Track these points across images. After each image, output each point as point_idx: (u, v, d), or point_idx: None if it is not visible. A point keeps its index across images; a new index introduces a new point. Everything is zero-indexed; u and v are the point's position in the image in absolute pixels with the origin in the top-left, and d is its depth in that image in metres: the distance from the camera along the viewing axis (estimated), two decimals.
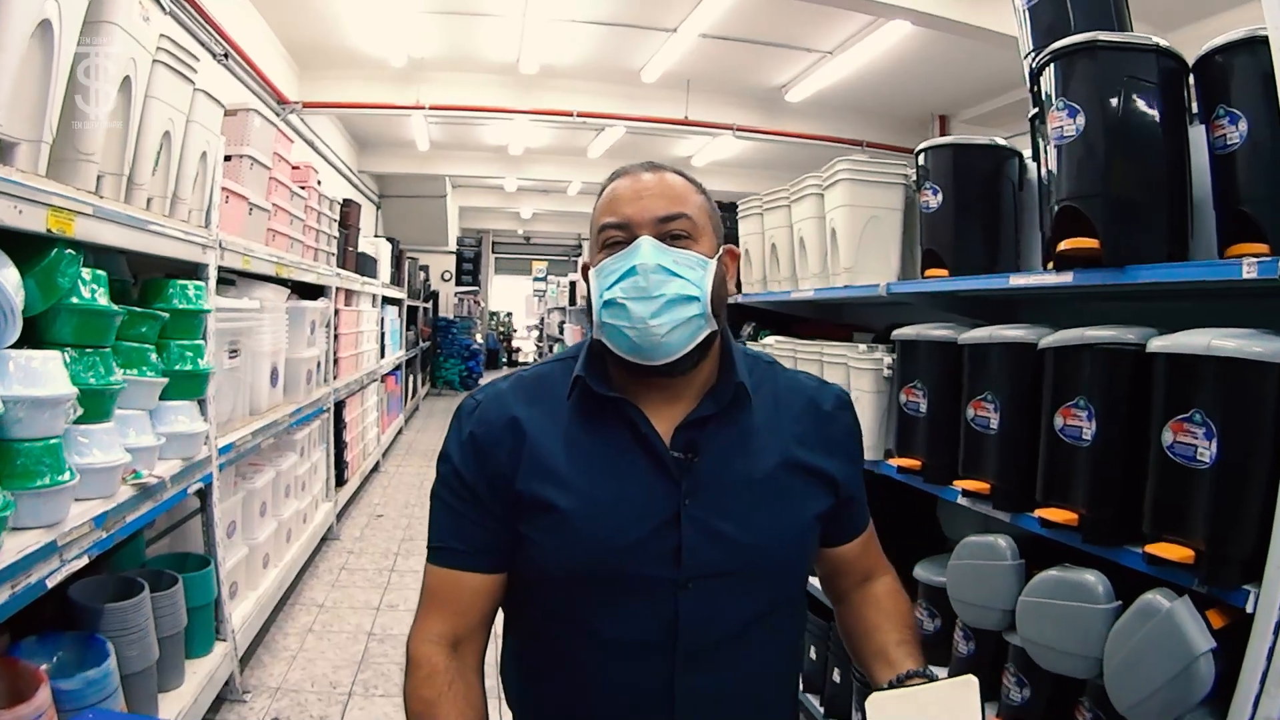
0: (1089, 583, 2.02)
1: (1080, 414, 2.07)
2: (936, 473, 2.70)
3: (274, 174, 4.38)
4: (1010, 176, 2.87)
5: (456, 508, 1.38)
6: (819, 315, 4.46)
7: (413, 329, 13.34)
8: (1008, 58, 8.30)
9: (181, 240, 3.14)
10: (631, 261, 1.31)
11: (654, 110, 10.60)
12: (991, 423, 2.40)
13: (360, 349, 7.55)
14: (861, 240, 3.24)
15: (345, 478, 6.91)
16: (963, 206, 2.84)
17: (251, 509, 4.23)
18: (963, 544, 2.50)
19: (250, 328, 4.02)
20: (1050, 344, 2.19)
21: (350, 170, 13.37)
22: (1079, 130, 2.09)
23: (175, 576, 3.15)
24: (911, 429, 2.79)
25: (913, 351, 2.80)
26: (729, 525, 1.33)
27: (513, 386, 1.46)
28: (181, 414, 3.16)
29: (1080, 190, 2.12)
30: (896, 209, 3.29)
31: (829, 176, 3.35)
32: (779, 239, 3.94)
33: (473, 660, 1.37)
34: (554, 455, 1.36)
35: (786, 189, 3.77)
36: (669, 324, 1.29)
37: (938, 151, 2.93)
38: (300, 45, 9.29)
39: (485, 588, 1.38)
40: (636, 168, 1.41)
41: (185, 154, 3.20)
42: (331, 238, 5.94)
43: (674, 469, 1.34)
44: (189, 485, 3.25)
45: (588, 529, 1.32)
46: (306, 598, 5.13)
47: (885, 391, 3.01)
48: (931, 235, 2.94)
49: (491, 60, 9.92)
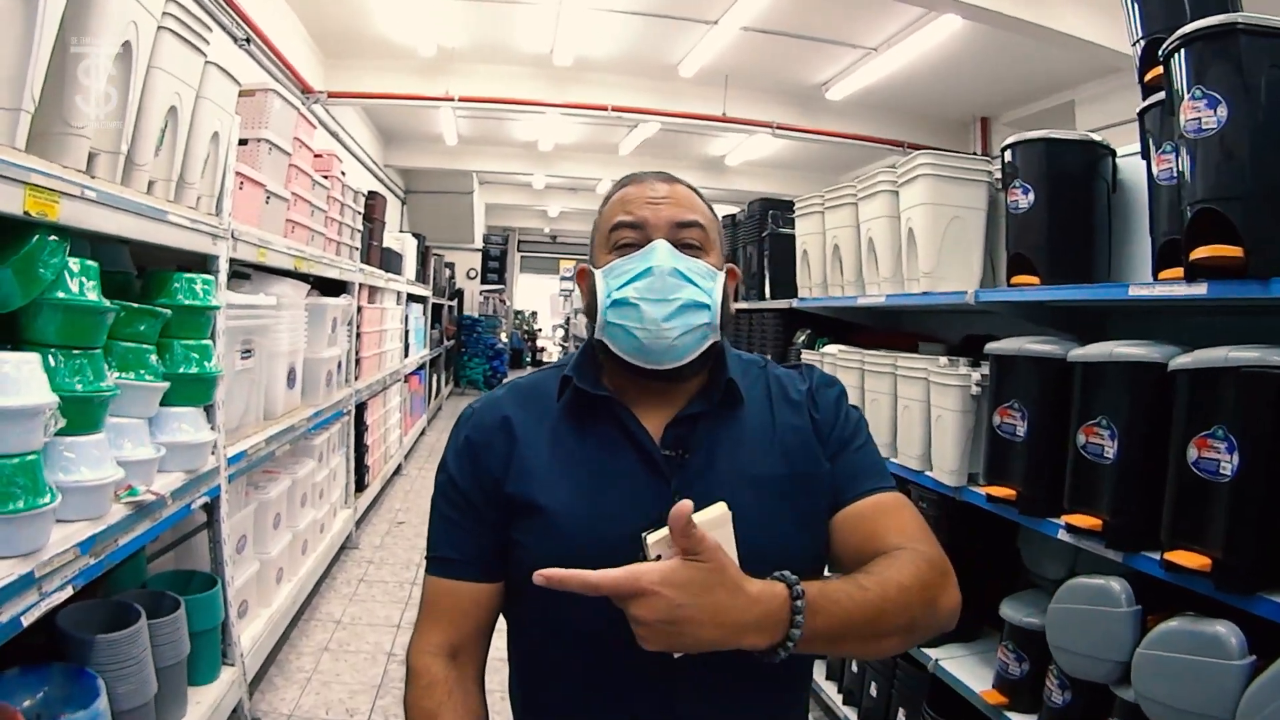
0: (1220, 636, 1.81)
1: (1218, 445, 1.84)
2: (1035, 504, 2.44)
3: (294, 160, 4.08)
4: (1105, 176, 2.66)
5: (452, 517, 1.39)
6: (879, 323, 4.15)
7: (437, 327, 13.08)
8: (1054, 58, 8.42)
9: (187, 229, 2.83)
10: (648, 263, 1.31)
11: (690, 106, 10.30)
12: (1106, 451, 2.16)
13: (383, 348, 7.28)
14: (943, 242, 2.95)
15: (366, 483, 6.61)
16: (1057, 208, 2.61)
17: (264, 521, 3.93)
18: (1070, 586, 2.27)
19: (266, 326, 3.72)
20: (1184, 365, 1.95)
21: (376, 164, 13.16)
22: (1220, 123, 1.84)
23: (177, 600, 2.85)
24: (1006, 454, 2.53)
25: (1011, 368, 2.53)
26: None
27: (508, 393, 1.48)
28: (185, 421, 2.87)
29: (1221, 191, 1.86)
30: (980, 209, 3.01)
31: (906, 172, 3.05)
32: (843, 239, 3.63)
33: (472, 670, 1.38)
34: (542, 456, 1.37)
35: (853, 185, 3.47)
36: (680, 329, 1.30)
37: (1029, 147, 2.68)
38: (326, 33, 9.08)
39: (482, 597, 1.38)
40: (649, 176, 1.42)
41: (194, 133, 2.90)
42: (355, 231, 5.63)
43: (664, 467, 1.33)
44: (193, 500, 2.96)
45: (574, 529, 1.30)
46: (323, 613, 4.83)
47: (972, 411, 2.74)
48: (1021, 238, 2.69)
49: (524, 51, 9.66)
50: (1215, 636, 1.81)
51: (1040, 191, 2.61)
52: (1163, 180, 2.20)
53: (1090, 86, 8.82)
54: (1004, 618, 2.63)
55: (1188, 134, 1.90)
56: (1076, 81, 8.99)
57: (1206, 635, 1.83)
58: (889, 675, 3.20)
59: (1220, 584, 1.81)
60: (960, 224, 2.97)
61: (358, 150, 11.60)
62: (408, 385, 9.29)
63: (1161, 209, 2.23)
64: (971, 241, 2.98)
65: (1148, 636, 1.97)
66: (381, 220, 6.99)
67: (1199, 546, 1.87)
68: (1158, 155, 2.21)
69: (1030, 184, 2.63)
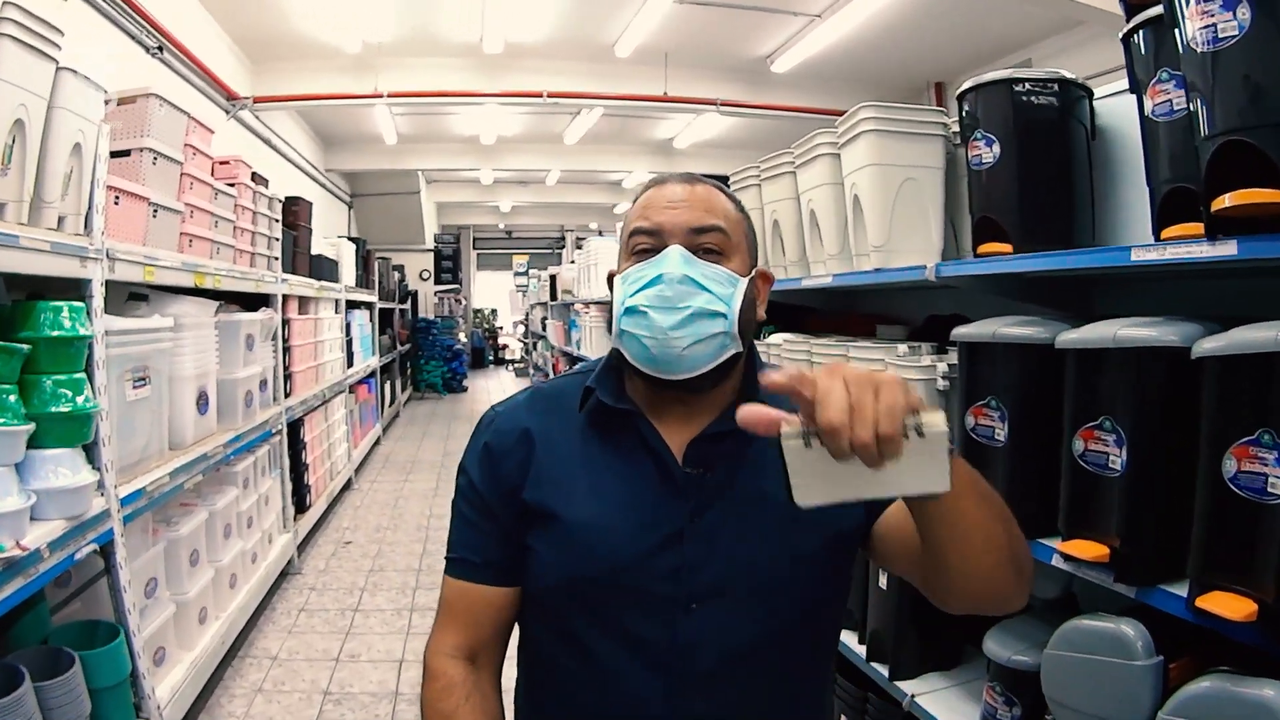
0: (1271, 701, 1.42)
1: (1266, 455, 1.45)
2: (1021, 524, 2.09)
3: (188, 169, 3.75)
4: (1082, 121, 2.28)
5: (472, 519, 1.39)
6: (831, 306, 3.88)
7: (388, 332, 12.75)
8: (1010, 13, 8.12)
9: (47, 253, 2.54)
10: (658, 270, 1.27)
11: (630, 88, 9.98)
12: (1113, 460, 1.78)
13: (321, 360, 6.94)
14: (894, 210, 2.63)
15: (308, 503, 6.27)
16: (1028, 161, 2.24)
17: (178, 560, 3.61)
18: (1070, 630, 1.84)
19: (162, 350, 3.39)
20: (1214, 352, 1.55)
21: (317, 170, 12.83)
22: (1243, 27, 1.46)
23: (73, 656, 2.57)
24: (983, 463, 2.07)
25: (984, 358, 2.15)
26: (737, 546, 1.28)
27: (530, 399, 1.46)
28: (61, 465, 2.59)
29: (1250, 117, 1.47)
30: (937, 168, 2.67)
31: (847, 130, 2.72)
32: (783, 214, 3.31)
33: (489, 673, 1.39)
34: (561, 466, 1.35)
35: (791, 150, 3.16)
36: (690, 338, 1.25)
37: (990, 91, 2.31)
38: (249, 37, 8.72)
39: (500, 600, 1.38)
40: (674, 177, 1.38)
41: (49, 148, 2.60)
42: (274, 240, 5.29)
43: (683, 484, 1.30)
44: (78, 549, 2.67)
45: (589, 540, 1.29)
46: (259, 648, 4.51)
47: (940, 408, 2.40)
48: (987, 199, 2.34)
49: (453, 41, 9.29)
50: (1264, 703, 1.43)
51: (1007, 143, 2.25)
52: (1160, 116, 1.80)
53: (1049, 43, 8.55)
54: (989, 655, 2.24)
55: (1199, 47, 1.53)
56: (1033, 39, 8.73)
57: (1251, 701, 1.44)
58: (859, 710, 2.85)
59: (1269, 630, 1.44)
60: (914, 187, 2.63)
61: (296, 157, 11.27)
62: (355, 396, 8.97)
63: (1160, 152, 1.83)
64: (928, 207, 2.65)
65: (1174, 700, 1.57)
66: (307, 226, 6.63)
67: (1243, 585, 1.48)
68: (1152, 87, 1.82)
69: (994, 134, 2.27)
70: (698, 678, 1.27)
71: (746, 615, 1.29)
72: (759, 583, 1.29)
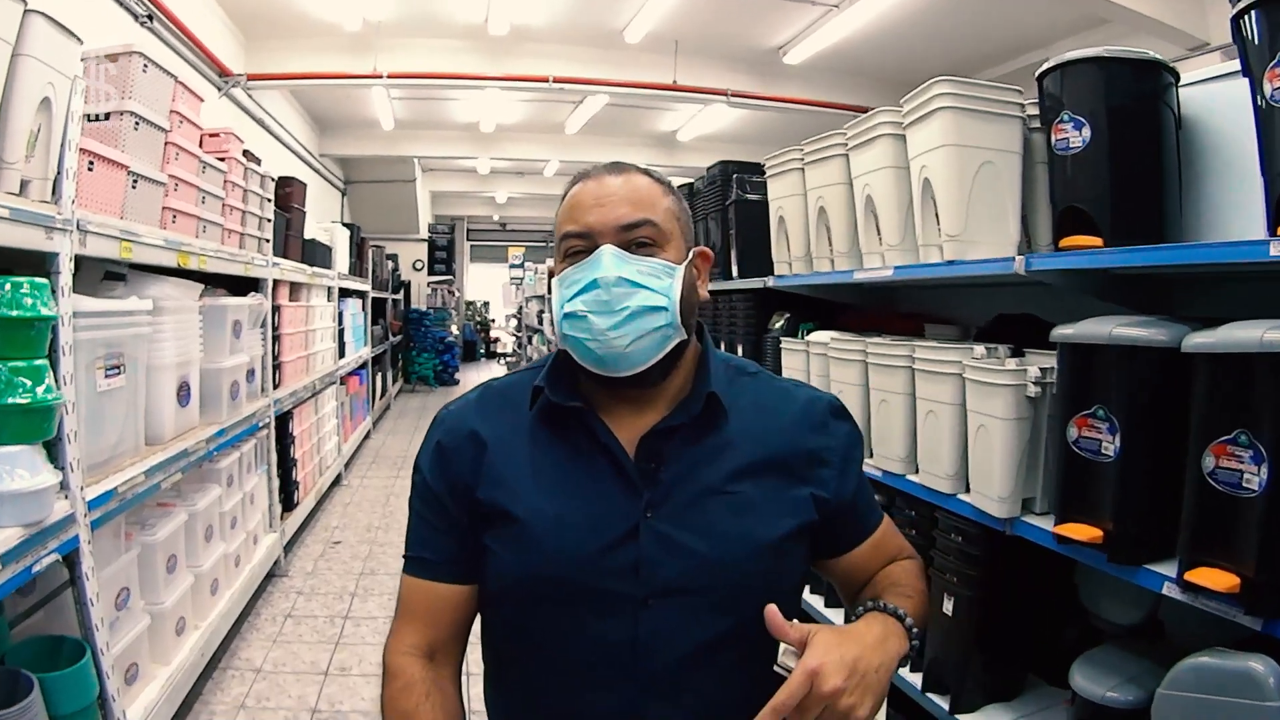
0: None
1: None
2: (1132, 548, 1.85)
3: (173, 138, 3.42)
4: (1173, 107, 2.08)
5: (428, 517, 1.38)
6: (865, 302, 3.57)
7: (380, 323, 12.44)
8: (1032, 10, 7.86)
9: (3, 220, 2.20)
10: (593, 274, 1.27)
11: (638, 75, 9.65)
12: (1248, 479, 1.56)
13: (312, 349, 6.61)
14: (971, 196, 2.35)
15: (295, 501, 5.94)
16: (1122, 147, 2.03)
17: (153, 567, 3.28)
18: (1187, 668, 1.64)
19: (139, 335, 3.06)
20: None
21: (311, 154, 12.49)
22: None
23: (31, 680, 2.27)
24: (1087, 479, 1.92)
25: (1094, 363, 1.91)
26: (693, 540, 1.28)
27: (480, 397, 1.46)
28: (17, 464, 2.26)
29: None
30: (1016, 152, 2.41)
31: (917, 106, 2.45)
32: (832, 201, 3.02)
33: (449, 670, 1.38)
34: (514, 465, 1.35)
35: (843, 132, 2.86)
36: (632, 335, 1.26)
37: (1080, 70, 2.10)
38: (244, 11, 8.38)
39: (458, 598, 1.37)
40: (600, 170, 1.37)
41: (11, 98, 2.27)
42: (265, 221, 4.95)
43: (637, 480, 1.30)
44: (38, 560, 2.34)
45: (545, 539, 1.29)
46: (241, 658, 4.19)
47: (1028, 419, 2.14)
48: (1073, 188, 2.12)
49: (456, 22, 8.93)
50: None
51: (1098, 126, 2.05)
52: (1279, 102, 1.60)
53: (1067, 43, 8.30)
54: (1079, 692, 2.03)
55: None
56: (1052, 38, 8.51)
57: None
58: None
59: None
60: (992, 172, 2.37)
61: (288, 139, 10.92)
62: (345, 387, 8.65)
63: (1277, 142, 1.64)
64: (1005, 195, 2.39)
65: None
66: (301, 209, 6.28)
67: None
68: (1270, 70, 1.61)
69: (1083, 116, 2.06)
70: (658, 675, 1.27)
71: (707, 613, 1.28)
72: (718, 578, 1.28)
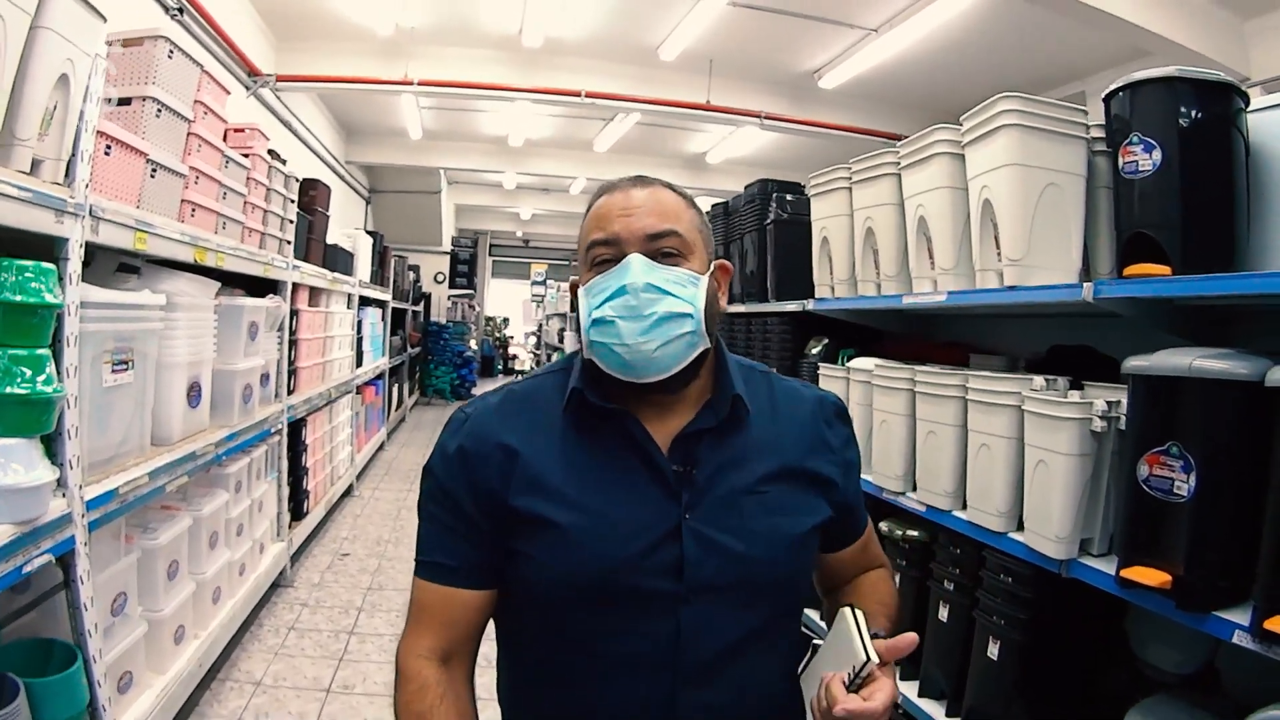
0: None
1: None
2: (1205, 594, 1.70)
3: (196, 129, 3.31)
4: (1244, 132, 1.97)
5: (445, 522, 1.37)
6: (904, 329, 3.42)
7: (399, 334, 12.32)
8: (1070, 41, 7.72)
9: (10, 199, 2.08)
10: (621, 280, 1.30)
11: (671, 94, 9.52)
12: None
13: (329, 356, 6.50)
14: (1035, 219, 2.22)
15: (305, 510, 5.82)
16: (1195, 172, 1.92)
17: (153, 573, 3.15)
18: None
19: (150, 331, 2.94)
20: None
21: (336, 160, 12.40)
22: None
23: (17, 685, 2.16)
24: (1158, 520, 1.79)
25: (1168, 396, 1.78)
26: (729, 538, 1.31)
27: (503, 401, 1.45)
28: (12, 458, 2.15)
29: None
30: (1080, 175, 2.28)
31: (979, 124, 2.33)
32: (880, 222, 2.89)
33: (463, 673, 1.38)
34: (549, 470, 1.34)
35: (896, 150, 2.73)
36: (660, 341, 1.29)
37: (1151, 91, 2.00)
38: (276, 10, 8.28)
39: (476, 603, 1.37)
40: (625, 183, 1.40)
41: (28, 71, 2.17)
42: (288, 222, 4.84)
43: (674, 481, 1.32)
44: (29, 560, 2.23)
45: (587, 543, 1.29)
46: (242, 670, 4.05)
47: (1091, 454, 2.00)
48: (1142, 213, 2.00)
49: (490, 32, 8.83)
50: None
51: (1169, 149, 1.93)
52: None
53: (1105, 75, 8.13)
54: None
55: None
56: (1090, 70, 8.37)
57: None
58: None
59: None
60: (1056, 194, 2.24)
61: (314, 143, 10.82)
62: (361, 397, 8.53)
63: None
64: (1069, 218, 2.26)
65: None
66: (324, 212, 6.18)
67: None
68: None
69: (1156, 140, 1.94)
70: (698, 671, 1.29)
71: (743, 607, 1.31)
72: (752, 573, 1.32)
